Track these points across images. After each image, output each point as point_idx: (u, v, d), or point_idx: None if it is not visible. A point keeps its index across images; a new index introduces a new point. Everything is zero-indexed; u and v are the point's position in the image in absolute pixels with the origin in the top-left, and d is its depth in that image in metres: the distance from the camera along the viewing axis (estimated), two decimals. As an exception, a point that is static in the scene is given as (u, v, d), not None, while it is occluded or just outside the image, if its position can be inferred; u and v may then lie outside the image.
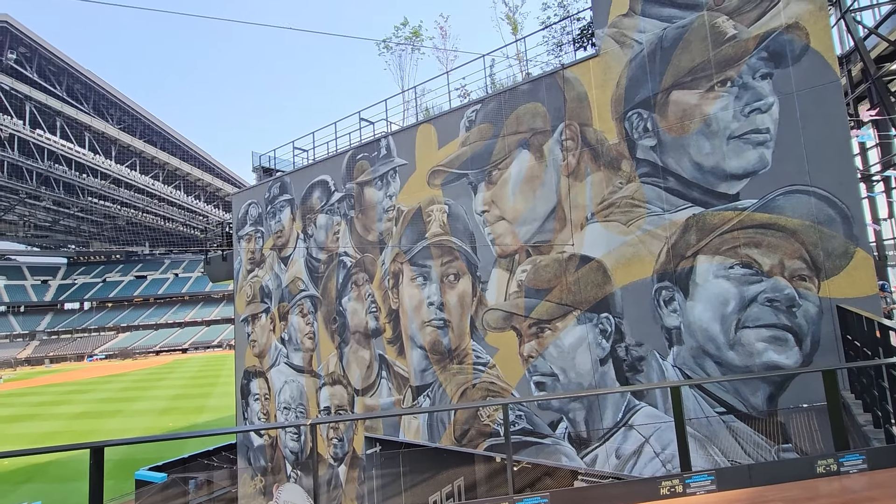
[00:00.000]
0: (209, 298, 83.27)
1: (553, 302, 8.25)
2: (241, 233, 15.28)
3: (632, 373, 7.36)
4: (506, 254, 8.99)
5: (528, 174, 8.70)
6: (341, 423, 12.01)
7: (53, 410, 30.82)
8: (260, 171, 15.49)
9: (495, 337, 9.08)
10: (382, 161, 11.30)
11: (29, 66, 53.35)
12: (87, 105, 59.72)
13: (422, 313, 10.32)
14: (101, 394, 36.74)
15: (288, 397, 13.31)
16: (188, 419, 25.63)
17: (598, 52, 7.85)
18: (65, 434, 23.85)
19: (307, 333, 12.95)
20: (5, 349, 69.01)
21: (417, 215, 10.52)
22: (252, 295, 14.73)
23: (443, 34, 12.89)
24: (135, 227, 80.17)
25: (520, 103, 8.80)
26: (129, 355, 68.47)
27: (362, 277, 11.65)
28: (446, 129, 10.06)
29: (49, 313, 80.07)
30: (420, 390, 10.30)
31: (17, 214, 74.06)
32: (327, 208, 12.55)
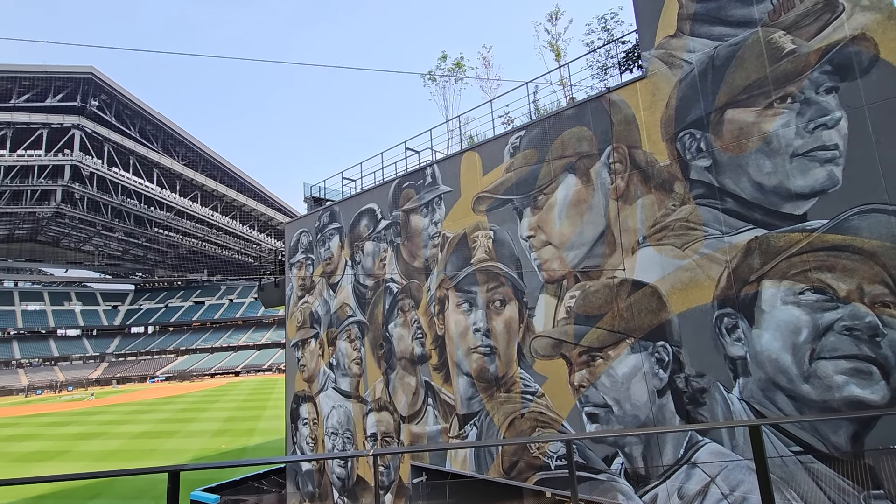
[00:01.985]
0: (261, 323, 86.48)
1: (604, 329, 7.96)
2: (293, 260, 15.89)
3: (693, 406, 6.91)
4: (553, 279, 8.81)
5: (574, 198, 8.58)
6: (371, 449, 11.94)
7: (118, 429, 32.56)
8: (311, 200, 16.17)
9: (544, 365, 8.83)
10: (428, 189, 11.51)
11: (108, 110, 59.04)
12: (157, 144, 65.05)
13: (468, 340, 10.23)
14: (161, 414, 38.54)
15: (335, 422, 13.43)
16: (240, 441, 26.33)
17: (646, 73, 7.74)
18: (127, 452, 25.08)
19: (354, 359, 13.12)
20: (79, 370, 74.20)
21: (462, 241, 10.56)
22: (302, 320, 15.16)
23: (486, 64, 13.20)
24: (195, 256, 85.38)
25: (565, 128, 8.77)
26: (187, 377, 71.75)
27: (408, 303, 11.74)
28: (490, 155, 10.16)
29: (118, 337, 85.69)
30: (467, 419, 10.11)
31: (94, 245, 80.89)
32: (374, 235, 12.85)
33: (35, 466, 23.40)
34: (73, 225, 70.16)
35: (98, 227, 69.98)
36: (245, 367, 74.22)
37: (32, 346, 76.23)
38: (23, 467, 23.41)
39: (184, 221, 69.54)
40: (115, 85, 57.53)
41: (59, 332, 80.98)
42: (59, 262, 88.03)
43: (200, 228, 72.46)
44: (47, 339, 78.81)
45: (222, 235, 76.33)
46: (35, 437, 31.60)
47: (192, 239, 76.34)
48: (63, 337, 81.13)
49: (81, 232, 74.15)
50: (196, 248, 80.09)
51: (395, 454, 11.64)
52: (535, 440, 8.86)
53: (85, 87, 55.96)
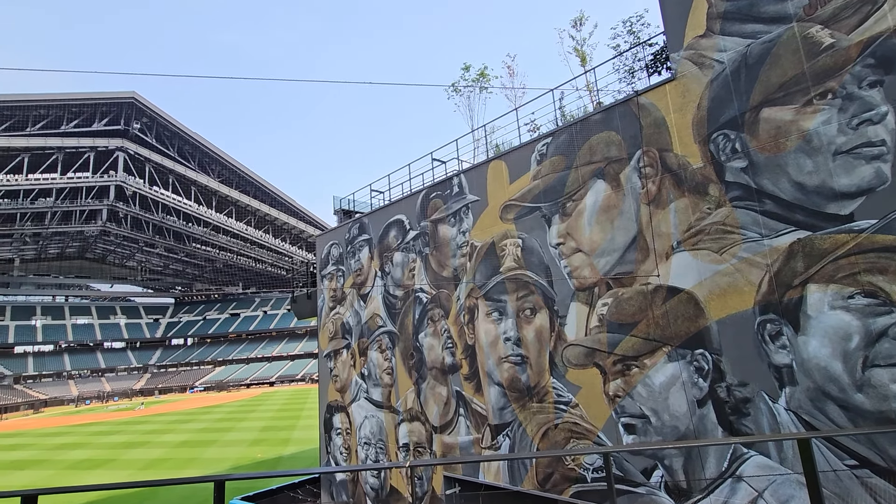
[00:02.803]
0: (294, 334, 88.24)
1: (639, 337, 7.76)
2: (324, 272, 16.20)
3: (736, 416, 6.63)
4: (584, 287, 8.67)
5: (604, 204, 8.45)
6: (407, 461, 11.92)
7: (160, 438, 33.72)
8: (340, 213, 16.49)
9: (577, 374, 8.67)
10: (455, 198, 11.56)
11: (149, 132, 62.04)
12: (193, 162, 67.82)
13: (498, 349, 10.16)
14: (200, 424, 39.69)
15: (368, 432, 13.52)
16: (275, 450, 26.80)
17: (675, 75, 7.60)
18: (170, 461, 25.91)
19: (385, 369, 13.21)
20: (124, 381, 77.45)
21: (491, 250, 10.54)
22: (334, 331, 15.40)
23: (510, 73, 13.22)
24: (230, 269, 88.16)
25: (592, 133, 8.68)
26: (224, 388, 73.77)
27: (438, 313, 11.77)
28: (517, 163, 10.14)
29: (159, 348, 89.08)
30: (499, 429, 10.00)
31: (137, 261, 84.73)
32: (403, 246, 12.98)
33: (85, 474, 24.46)
34: (117, 242, 73.78)
35: (140, 243, 73.37)
36: (279, 378, 75.75)
37: (81, 357, 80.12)
38: (74, 475, 24.50)
39: (220, 236, 72.07)
40: (155, 108, 60.49)
41: (106, 344, 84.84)
42: (105, 277, 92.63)
43: (235, 242, 74.91)
44: (95, 352, 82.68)
45: (256, 249, 78.62)
46: (84, 445, 33.07)
47: (227, 253, 78.95)
48: (109, 349, 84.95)
49: (125, 249, 77.87)
50: (231, 262, 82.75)
51: (425, 465, 11.61)
52: (573, 452, 8.66)
53: (128, 111, 59.07)
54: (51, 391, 68.75)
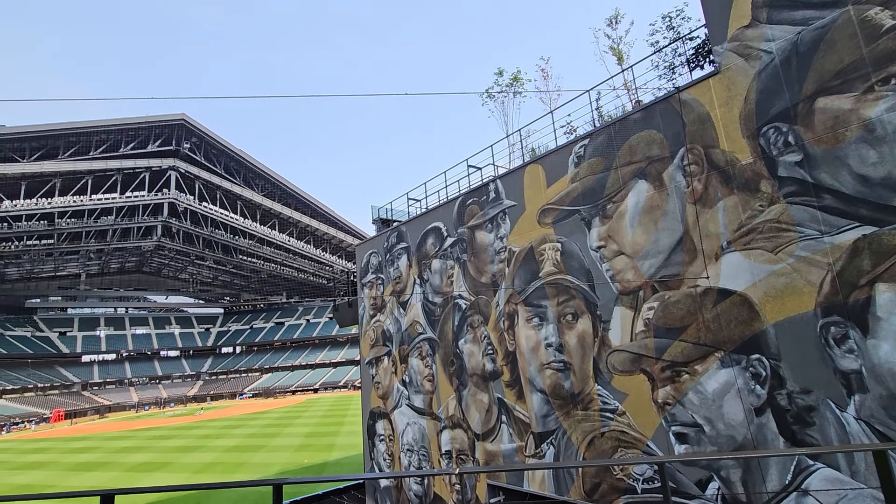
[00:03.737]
0: (335, 342, 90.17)
1: (689, 342, 7.44)
2: (364, 280, 16.50)
3: (799, 426, 6.23)
4: (628, 290, 8.42)
5: (647, 205, 8.19)
6: (457, 468, 11.85)
7: (213, 443, 35.16)
8: (379, 222, 16.78)
9: (623, 381, 8.40)
10: (492, 204, 11.53)
11: (198, 151, 65.45)
12: (239, 178, 70.93)
13: (540, 355, 10.00)
14: (249, 429, 41.11)
15: (410, 439, 13.59)
16: (320, 456, 27.38)
17: (719, 68, 7.31)
18: (222, 465, 26.96)
19: (426, 376, 13.26)
20: (179, 388, 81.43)
21: (529, 255, 10.42)
22: (375, 338, 15.63)
23: (544, 76, 13.10)
24: (274, 279, 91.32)
25: (632, 133, 8.46)
26: (271, 394, 76.19)
27: (477, 319, 11.73)
28: (554, 167, 10.01)
29: (210, 357, 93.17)
30: (543, 437, 9.81)
31: (188, 273, 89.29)
32: (441, 253, 13.05)
33: (146, 476, 25.82)
34: (171, 256, 78.01)
35: (192, 256, 77.28)
36: (322, 384, 77.50)
37: (140, 366, 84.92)
38: (136, 476, 25.92)
39: (264, 248, 74.83)
40: (203, 128, 63.84)
41: (162, 353, 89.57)
42: (160, 290, 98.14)
43: (279, 254, 77.57)
44: (152, 360, 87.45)
45: (298, 259, 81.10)
46: (144, 449, 34.94)
47: (271, 264, 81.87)
48: (165, 357, 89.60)
49: (178, 262, 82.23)
50: (275, 273, 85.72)
51: (474, 473, 11.53)
52: (625, 462, 8.38)
53: (178, 132, 62.62)
54: (114, 397, 73.19)
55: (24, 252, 61.24)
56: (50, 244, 60.51)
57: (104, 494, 2.67)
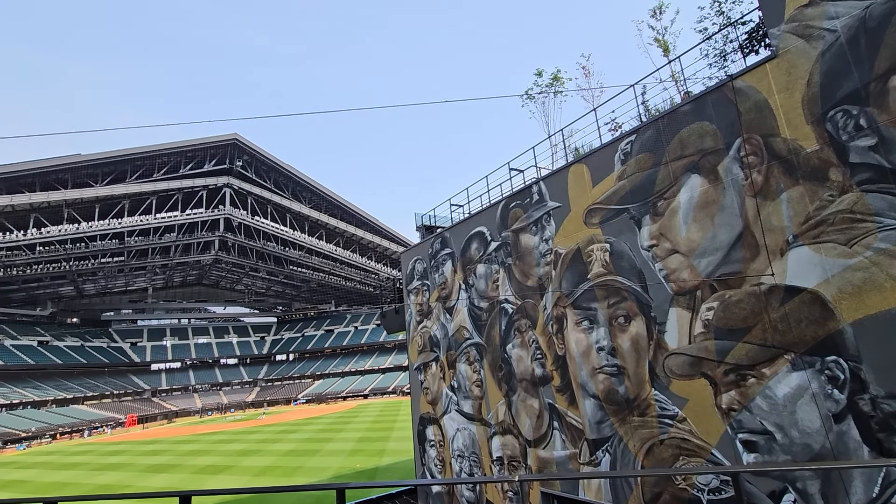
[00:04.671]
0: (383, 348, 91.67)
1: (754, 343, 6.99)
2: (410, 287, 16.69)
3: (886, 434, 5.69)
4: (684, 290, 8.04)
5: (701, 200, 7.81)
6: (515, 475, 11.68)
7: (270, 447, 36.56)
8: (422, 229, 16.95)
9: (682, 385, 8.01)
10: (535, 206, 11.38)
11: (249, 168, 68.81)
12: (287, 192, 73.88)
13: (591, 359, 9.71)
14: (304, 434, 42.44)
15: (461, 445, 13.55)
16: (372, 461, 27.83)
17: (776, 52, 6.88)
18: (279, 468, 27.96)
19: (475, 381, 13.20)
20: (238, 394, 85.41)
21: (577, 257, 10.18)
22: (422, 344, 15.74)
23: (586, 73, 12.82)
24: (323, 288, 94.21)
25: (682, 126, 8.10)
26: (323, 400, 78.36)
27: (525, 323, 11.56)
28: (599, 165, 9.75)
29: (266, 364, 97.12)
30: (597, 444, 9.51)
31: (244, 285, 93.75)
32: (486, 258, 12.99)
33: (210, 478, 27.18)
34: (227, 268, 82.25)
35: (246, 268, 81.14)
36: (372, 390, 78.88)
37: (203, 373, 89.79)
38: (202, 479, 27.34)
39: (313, 258, 77.42)
40: (254, 146, 67.11)
41: (222, 361, 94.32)
42: (219, 301, 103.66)
43: (326, 263, 79.99)
44: (213, 368, 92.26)
45: (345, 268, 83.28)
46: (208, 452, 36.84)
47: (320, 273, 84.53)
48: (225, 365, 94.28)
49: (234, 274, 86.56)
50: (324, 282, 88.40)
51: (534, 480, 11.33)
52: (693, 472, 7.94)
53: (231, 151, 66.13)
54: (180, 403, 77.76)
55: (100, 269, 66.46)
56: (121, 261, 65.40)
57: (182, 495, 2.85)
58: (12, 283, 64.67)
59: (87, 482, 29.13)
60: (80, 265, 62.48)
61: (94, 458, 38.84)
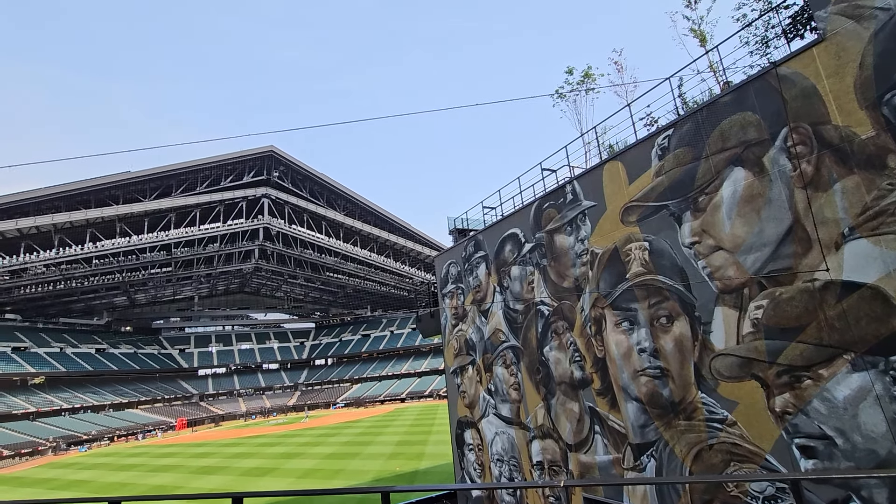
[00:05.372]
0: (419, 352, 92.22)
1: (809, 343, 6.63)
2: (445, 291, 16.74)
3: (964, 439, 5.26)
4: (730, 288, 7.71)
5: (746, 194, 7.49)
6: (560, 480, 11.49)
7: (312, 450, 37.37)
8: (455, 233, 16.99)
9: (731, 388, 7.67)
10: (570, 206, 11.21)
11: (286, 178, 70.97)
12: (322, 200, 75.69)
13: (633, 361, 9.45)
14: (343, 437, 43.17)
15: (500, 449, 13.45)
16: (411, 464, 27.99)
17: (824, 35, 6.53)
18: (322, 471, 28.54)
19: (512, 384, 13.09)
20: (280, 398, 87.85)
21: (614, 256, 9.95)
22: (458, 348, 15.75)
23: (618, 68, 12.54)
24: (359, 294, 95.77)
25: (723, 117, 7.80)
26: (362, 404, 79.52)
27: (562, 325, 11.38)
28: (635, 162, 9.51)
29: (306, 368, 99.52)
30: (642, 449, 9.23)
31: (283, 291, 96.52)
32: (520, 260, 12.89)
33: (256, 480, 28.05)
34: (267, 276, 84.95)
35: (285, 276, 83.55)
36: (409, 394, 79.44)
37: (246, 378, 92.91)
38: (248, 481, 28.25)
39: (348, 264, 78.90)
40: (290, 157, 69.25)
41: (264, 366, 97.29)
42: (260, 307, 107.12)
43: (361, 269, 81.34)
44: (256, 373, 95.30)
45: (379, 273, 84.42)
46: (252, 455, 38.03)
47: (355, 279, 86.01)
48: (267, 370, 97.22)
49: (274, 281, 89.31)
50: (359, 287, 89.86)
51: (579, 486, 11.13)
52: (747, 478, 7.56)
53: (268, 163, 68.45)
54: (225, 407, 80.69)
55: (150, 279, 70.00)
56: (169, 271, 68.67)
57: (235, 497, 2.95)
58: (72, 295, 69.01)
59: (143, 483, 30.64)
60: (132, 276, 66.02)
61: (148, 460, 40.81)
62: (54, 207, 55.69)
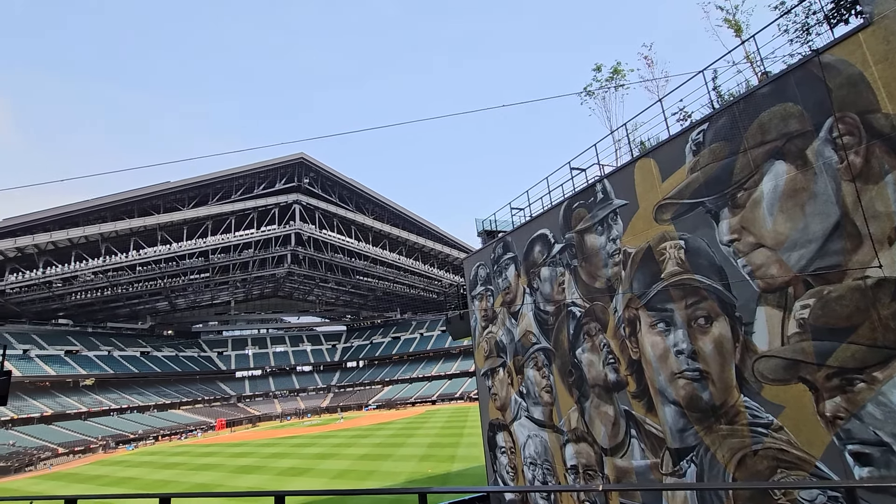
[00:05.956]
0: (449, 354, 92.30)
1: (861, 344, 6.28)
2: (474, 293, 16.70)
3: None
4: (773, 287, 7.39)
5: (788, 188, 7.17)
6: (599, 484, 11.26)
7: (345, 451, 37.93)
8: (484, 234, 16.94)
9: (777, 391, 7.34)
10: (600, 205, 11.00)
11: (316, 184, 72.52)
12: (351, 204, 76.92)
13: (670, 363, 9.18)
14: (376, 439, 43.61)
15: (532, 452, 13.29)
16: (443, 467, 27.99)
17: (871, 19, 6.19)
18: (355, 472, 28.91)
19: (544, 387, 12.92)
20: (313, 399, 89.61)
21: (648, 255, 9.70)
22: (489, 350, 15.68)
23: (648, 63, 12.24)
24: (388, 297, 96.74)
25: (762, 109, 7.50)
26: (393, 405, 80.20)
27: (594, 327, 11.17)
28: (668, 158, 9.25)
29: (338, 371, 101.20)
30: (681, 454, 8.94)
31: (315, 295, 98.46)
32: (549, 261, 12.73)
33: (292, 480, 28.67)
34: (299, 280, 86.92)
35: (316, 280, 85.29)
36: (440, 396, 79.59)
37: (281, 380, 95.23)
38: (284, 480, 28.92)
39: (377, 267, 79.89)
40: (319, 163, 70.78)
41: (298, 368, 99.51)
42: (293, 311, 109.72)
43: (390, 272, 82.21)
44: (290, 375, 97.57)
45: (408, 276, 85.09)
46: (288, 455, 38.90)
47: (385, 282, 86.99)
48: (300, 372, 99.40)
49: (305, 286, 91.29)
50: (389, 290, 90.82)
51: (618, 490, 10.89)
52: (797, 486, 7.23)
53: (299, 170, 70.16)
54: (262, 408, 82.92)
55: (189, 285, 72.76)
56: (206, 277, 71.18)
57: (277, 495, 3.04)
58: (118, 300, 72.45)
59: (185, 480, 31.81)
60: (173, 282, 68.77)
61: (190, 459, 42.35)
62: (101, 217, 58.70)
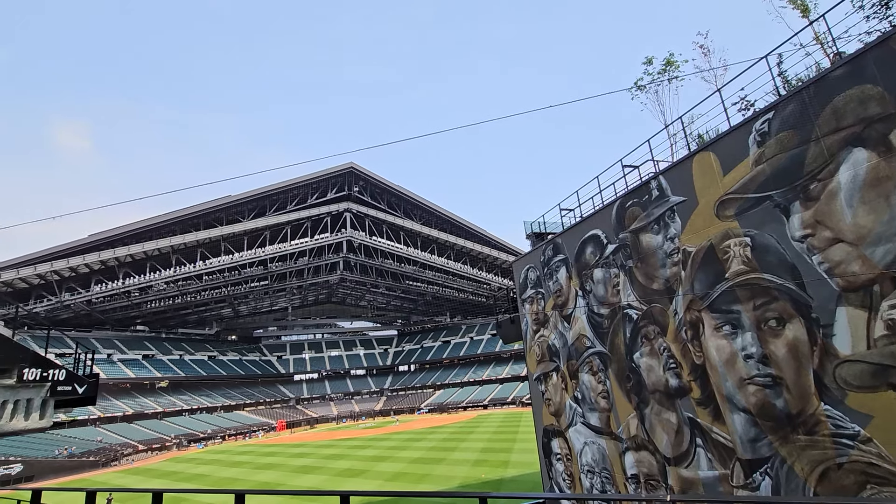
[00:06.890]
0: (499, 358, 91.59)
1: (965, 348, 5.62)
2: (524, 296, 16.49)
3: None
4: (855, 286, 6.78)
5: (869, 177, 6.57)
6: (667, 496, 10.75)
7: (399, 454, 38.45)
8: (532, 237, 16.71)
9: (863, 399, 6.71)
10: (656, 203, 10.56)
11: (365, 192, 74.55)
12: (399, 211, 78.39)
13: (737, 369, 8.62)
14: (428, 443, 43.91)
15: (590, 460, 12.90)
16: (497, 472, 27.73)
17: (965, -14, 5.58)
18: (409, 475, 29.24)
19: (600, 392, 12.52)
20: (367, 403, 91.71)
21: (709, 254, 9.19)
22: (541, 354, 15.40)
23: (704, 53, 11.63)
24: (438, 301, 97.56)
25: (836, 93, 6.93)
26: (445, 409, 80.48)
27: (653, 330, 10.71)
28: (730, 151, 8.74)
29: (390, 374, 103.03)
30: (754, 465, 8.36)
31: (366, 301, 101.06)
32: (602, 262, 12.36)
33: (348, 481, 29.42)
34: (351, 286, 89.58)
35: (368, 285, 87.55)
36: (491, 400, 79.04)
37: (336, 383, 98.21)
38: (341, 481, 29.73)
39: (426, 272, 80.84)
40: (368, 172, 72.78)
41: (352, 372, 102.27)
42: (346, 316, 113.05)
43: (439, 276, 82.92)
44: (345, 378, 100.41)
45: (457, 280, 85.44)
46: (345, 457, 39.96)
47: (434, 286, 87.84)
48: (355, 376, 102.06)
49: (357, 291, 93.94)
50: (438, 294, 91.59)
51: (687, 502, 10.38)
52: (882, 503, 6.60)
53: (349, 179, 72.47)
54: (319, 411, 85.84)
55: (250, 292, 76.90)
56: (265, 284, 74.93)
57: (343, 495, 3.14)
58: (187, 308, 77.71)
59: (251, 478, 33.44)
60: (235, 290, 72.93)
61: (253, 458, 44.50)
62: (171, 231, 63.30)
